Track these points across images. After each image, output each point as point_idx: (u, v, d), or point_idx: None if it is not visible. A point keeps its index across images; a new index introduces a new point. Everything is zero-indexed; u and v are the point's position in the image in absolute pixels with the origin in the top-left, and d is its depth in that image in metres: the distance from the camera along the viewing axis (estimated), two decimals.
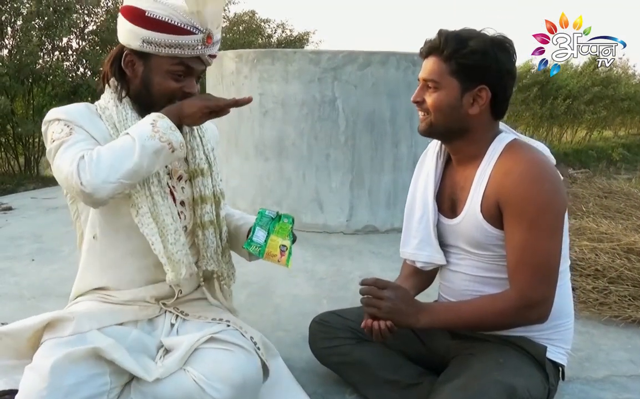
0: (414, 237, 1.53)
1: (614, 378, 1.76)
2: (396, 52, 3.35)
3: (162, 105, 1.37)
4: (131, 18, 1.36)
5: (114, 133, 1.38)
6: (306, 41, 10.94)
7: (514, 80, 1.39)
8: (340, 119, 3.30)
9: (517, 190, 1.30)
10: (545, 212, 1.29)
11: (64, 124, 1.33)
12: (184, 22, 1.35)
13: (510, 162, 1.34)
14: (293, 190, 3.38)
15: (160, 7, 1.34)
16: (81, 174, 1.22)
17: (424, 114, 1.42)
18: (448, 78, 1.35)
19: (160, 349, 1.43)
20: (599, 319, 2.18)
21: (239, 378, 1.33)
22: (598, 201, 3.78)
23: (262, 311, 2.21)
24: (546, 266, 1.31)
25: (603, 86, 11.14)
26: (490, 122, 1.41)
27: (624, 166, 9.52)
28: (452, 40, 1.34)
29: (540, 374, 1.38)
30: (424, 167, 1.56)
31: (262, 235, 1.43)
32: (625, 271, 2.36)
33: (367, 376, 1.55)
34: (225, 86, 3.58)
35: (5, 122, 6.18)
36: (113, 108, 1.41)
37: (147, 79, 1.40)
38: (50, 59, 6.50)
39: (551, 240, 1.31)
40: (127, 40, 1.39)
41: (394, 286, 1.40)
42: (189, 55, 1.38)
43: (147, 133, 1.27)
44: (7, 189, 5.43)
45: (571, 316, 1.48)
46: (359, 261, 2.86)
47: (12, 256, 2.84)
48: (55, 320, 1.33)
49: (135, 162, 1.25)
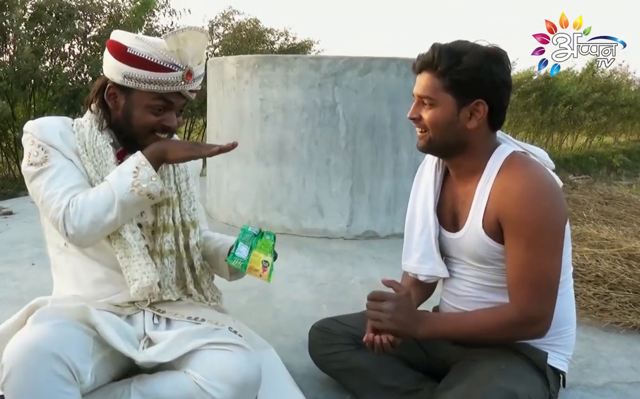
0: (416, 250, 1.53)
1: (614, 385, 1.75)
2: (396, 57, 3.36)
3: (142, 136, 1.44)
4: (114, 53, 1.42)
5: (82, 150, 1.44)
6: (308, 49, 10.96)
7: (510, 90, 1.39)
8: (340, 124, 3.30)
9: (516, 210, 1.30)
10: (544, 231, 1.29)
11: (38, 146, 1.40)
12: (164, 59, 1.39)
13: (509, 180, 1.33)
14: (293, 195, 3.38)
15: (142, 45, 1.39)
16: (67, 226, 1.34)
17: (421, 131, 1.41)
18: (443, 94, 1.34)
19: (142, 339, 1.43)
20: (599, 325, 2.17)
21: (239, 377, 1.33)
22: (599, 208, 3.78)
23: (261, 316, 2.21)
24: (546, 283, 1.31)
25: (603, 92, 11.17)
26: (488, 134, 1.40)
27: (624, 172, 9.53)
28: (446, 55, 1.32)
29: (541, 381, 1.37)
30: (423, 179, 1.55)
31: (244, 250, 1.46)
32: (626, 278, 2.35)
33: (366, 383, 1.55)
34: (226, 91, 3.59)
35: (6, 127, 6.19)
36: (87, 127, 1.47)
37: (127, 112, 1.44)
38: (51, 64, 6.51)
39: (551, 257, 1.31)
40: (110, 73, 1.44)
41: (394, 297, 1.38)
42: (168, 90, 1.41)
43: (127, 188, 1.35)
44: (8, 193, 5.43)
45: (573, 323, 1.47)
46: (359, 266, 2.86)
47: (13, 261, 2.84)
48: (32, 308, 1.38)
49: (115, 216, 1.36)
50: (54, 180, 1.38)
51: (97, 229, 1.36)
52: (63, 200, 1.36)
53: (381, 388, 1.52)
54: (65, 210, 1.34)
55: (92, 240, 1.38)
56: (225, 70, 3.59)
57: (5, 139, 6.41)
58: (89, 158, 1.44)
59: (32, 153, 1.40)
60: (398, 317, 1.35)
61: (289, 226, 3.37)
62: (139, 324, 1.47)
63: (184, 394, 1.31)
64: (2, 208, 4.00)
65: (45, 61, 6.39)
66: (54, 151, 1.40)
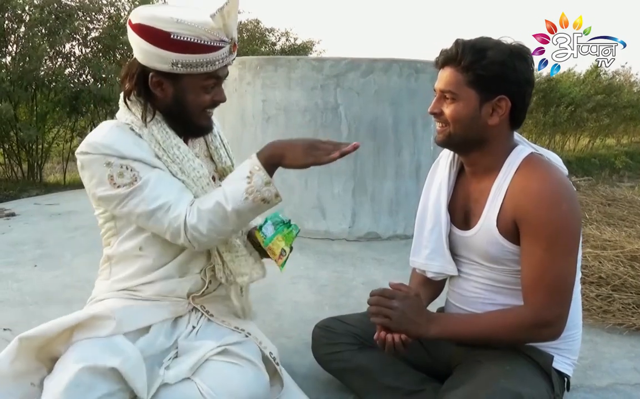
0: (425, 247, 1.52)
1: (617, 387, 1.74)
2: (399, 59, 3.36)
3: (196, 116, 1.41)
4: (153, 41, 1.30)
5: (161, 153, 1.38)
6: (310, 50, 10.96)
7: (532, 88, 1.38)
8: (342, 126, 3.30)
9: (535, 211, 1.29)
10: (563, 234, 1.29)
11: (120, 166, 1.32)
12: (213, 38, 1.31)
13: (528, 179, 1.32)
14: (295, 197, 3.38)
15: (185, 28, 1.29)
16: (187, 235, 1.33)
17: (441, 125, 1.39)
18: (466, 89, 1.33)
19: (172, 353, 1.42)
20: (602, 327, 2.17)
21: (246, 394, 1.33)
22: (601, 209, 3.77)
23: (263, 318, 2.20)
24: (562, 286, 1.31)
25: (606, 94, 11.15)
26: (507, 133, 1.39)
27: (627, 174, 9.51)
28: (470, 50, 1.32)
29: (546, 384, 1.36)
30: (436, 176, 1.54)
31: (270, 230, 1.47)
32: (629, 279, 2.35)
33: (369, 383, 1.55)
34: (228, 92, 3.55)
35: (8, 128, 6.20)
36: (152, 126, 1.39)
37: (180, 98, 1.38)
38: (53, 65, 6.53)
39: (568, 260, 1.30)
40: (152, 62, 1.33)
41: (403, 295, 1.38)
42: (219, 67, 1.37)
43: (241, 195, 1.31)
44: (11, 195, 5.45)
45: (579, 327, 1.47)
46: (361, 268, 2.85)
47: (15, 262, 2.84)
48: (92, 318, 1.32)
49: (231, 224, 1.35)
50: (156, 191, 1.32)
51: (217, 236, 1.35)
52: (179, 208, 1.32)
53: (384, 388, 1.52)
54: (184, 219, 1.32)
55: (213, 244, 1.40)
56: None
57: (8, 141, 6.42)
58: (170, 159, 1.39)
59: (116, 175, 1.32)
60: (410, 315, 1.34)
61: None
62: (180, 329, 1.45)
63: None
64: (4, 209, 4.00)
65: (47, 62, 6.40)
66: (139, 165, 1.33)
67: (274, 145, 1.36)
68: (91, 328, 1.31)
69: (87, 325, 1.31)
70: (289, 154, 1.33)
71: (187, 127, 1.44)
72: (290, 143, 1.36)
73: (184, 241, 1.33)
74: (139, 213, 1.33)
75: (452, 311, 1.55)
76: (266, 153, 1.34)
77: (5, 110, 5.49)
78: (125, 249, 1.45)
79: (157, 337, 1.40)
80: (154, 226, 1.35)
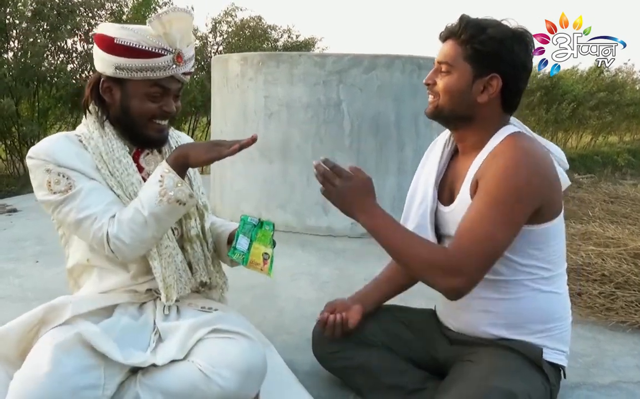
0: (412, 222, 1.52)
1: (620, 384, 1.74)
2: (401, 55, 3.35)
3: (142, 125, 1.45)
4: (102, 46, 1.41)
5: (101, 165, 1.43)
6: (312, 47, 10.93)
7: (529, 74, 1.38)
8: (345, 122, 3.29)
9: (493, 169, 1.29)
10: (510, 196, 1.26)
11: (58, 174, 1.38)
12: (152, 45, 1.39)
13: (502, 147, 1.33)
14: (297, 193, 3.37)
15: (128, 33, 1.38)
16: (110, 245, 1.36)
17: (432, 97, 1.41)
18: (461, 62, 1.34)
19: (153, 334, 1.43)
20: (605, 324, 2.16)
21: (245, 364, 1.34)
22: (604, 206, 3.77)
23: (265, 315, 2.20)
24: (486, 246, 1.27)
25: (609, 91, 11.11)
26: (499, 114, 1.39)
27: (629, 171, 9.48)
28: (472, 26, 1.34)
29: (540, 376, 1.36)
30: (432, 154, 1.55)
31: (245, 243, 1.47)
32: (632, 277, 2.34)
33: (371, 381, 1.54)
34: (230, 89, 3.58)
35: (10, 124, 6.20)
36: (99, 139, 1.45)
37: (125, 104, 1.44)
38: (54, 61, 6.52)
39: (503, 227, 1.27)
40: (102, 67, 1.43)
41: (348, 176, 1.37)
42: (162, 76, 1.42)
43: (155, 198, 1.35)
44: (12, 191, 5.45)
45: (565, 320, 1.45)
46: (363, 265, 2.84)
47: (16, 258, 2.84)
48: (50, 310, 1.35)
49: (151, 230, 1.37)
50: (86, 201, 1.38)
51: (139, 244, 1.38)
52: (102, 219, 1.36)
53: (386, 387, 1.51)
54: (107, 230, 1.35)
55: (137, 254, 1.41)
56: (229, 68, 3.58)
57: (10, 136, 6.42)
58: (110, 171, 1.43)
59: (52, 182, 1.38)
60: (347, 197, 1.35)
61: (293, 224, 3.36)
62: (149, 313, 1.48)
63: (189, 384, 1.31)
64: (6, 205, 4.01)
65: (49, 58, 6.40)
66: (76, 174, 1.39)
67: (179, 148, 1.43)
68: (52, 319, 1.34)
69: (47, 319, 1.35)
70: (192, 153, 1.39)
71: (136, 137, 1.48)
72: (194, 143, 1.47)
73: (108, 252, 1.37)
74: (69, 222, 1.40)
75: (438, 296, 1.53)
76: (173, 156, 1.40)
77: (7, 106, 5.49)
78: (77, 260, 1.51)
79: (120, 318, 1.42)
80: (82, 235, 1.41)
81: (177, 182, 1.37)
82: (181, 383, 1.31)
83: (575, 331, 2.08)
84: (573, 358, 1.86)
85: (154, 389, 1.32)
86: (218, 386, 1.30)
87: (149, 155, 1.54)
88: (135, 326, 1.43)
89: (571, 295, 2.30)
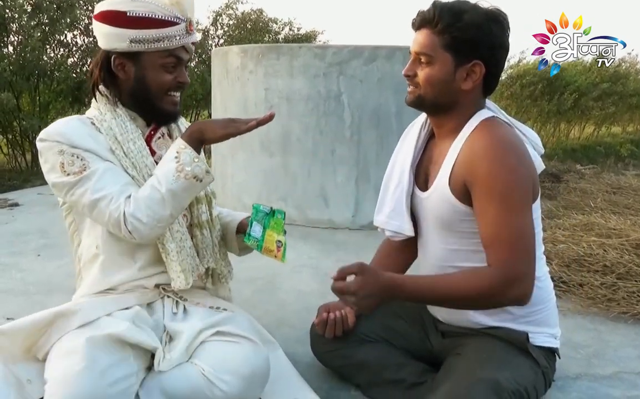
0: (388, 206, 1.52)
1: (622, 375, 1.73)
2: (402, 46, 3.32)
3: (159, 98, 1.43)
4: (112, 21, 1.38)
5: (115, 146, 1.41)
6: (313, 39, 10.91)
7: (507, 54, 1.38)
8: (345, 114, 3.28)
9: (484, 166, 1.28)
10: (514, 187, 1.27)
11: (72, 155, 1.36)
12: (166, 14, 1.38)
13: (477, 138, 1.32)
14: (298, 186, 3.37)
15: (140, 5, 1.37)
16: (128, 225, 1.33)
17: (412, 87, 1.39)
18: (441, 52, 1.32)
19: (163, 334, 1.43)
20: (607, 315, 2.15)
21: (247, 369, 1.33)
22: (606, 197, 3.75)
23: (267, 307, 2.20)
24: (521, 241, 1.27)
25: (612, 82, 11.05)
26: (478, 98, 1.39)
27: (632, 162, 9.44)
28: (447, 13, 1.31)
29: (529, 361, 1.36)
30: (408, 137, 1.54)
31: (258, 230, 1.47)
32: (634, 268, 2.33)
33: (371, 377, 1.54)
34: (230, 81, 3.57)
35: (11, 119, 6.21)
36: (112, 120, 1.43)
37: (141, 77, 1.43)
38: (55, 55, 6.51)
39: (523, 214, 1.28)
40: (112, 43, 1.40)
41: (353, 283, 1.29)
42: (176, 45, 1.41)
43: (172, 175, 1.33)
44: (14, 185, 5.45)
45: (548, 301, 1.44)
46: (364, 257, 2.81)
47: (19, 252, 2.85)
48: (59, 315, 1.34)
49: (169, 207, 1.34)
50: (102, 182, 1.35)
51: (157, 223, 1.34)
52: (120, 199, 1.34)
53: (385, 382, 1.51)
54: (124, 210, 1.33)
55: (154, 235, 1.37)
56: (229, 60, 3.57)
57: (11, 131, 6.43)
58: (124, 152, 1.42)
59: (66, 163, 1.36)
60: (368, 295, 1.28)
61: (294, 216, 3.36)
62: (158, 313, 1.47)
63: (192, 387, 1.31)
64: (7, 199, 4.01)
65: (49, 52, 6.39)
66: (90, 155, 1.37)
67: (194, 125, 1.41)
68: (62, 326, 1.33)
69: (57, 324, 1.34)
70: (208, 128, 1.38)
71: (153, 112, 1.47)
72: (209, 120, 1.44)
73: (125, 232, 1.34)
74: (84, 203, 1.37)
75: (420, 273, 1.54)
76: (188, 132, 1.39)
77: (7, 100, 5.49)
78: (86, 247, 1.48)
79: (139, 310, 1.42)
80: (97, 217, 1.38)
81: (193, 157, 1.34)
82: (183, 386, 1.31)
83: (576, 322, 2.09)
84: (574, 349, 1.87)
85: (155, 389, 1.32)
86: (221, 391, 1.30)
87: (160, 140, 1.52)
88: (151, 322, 1.42)
89: (573, 286, 2.31)
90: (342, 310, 1.55)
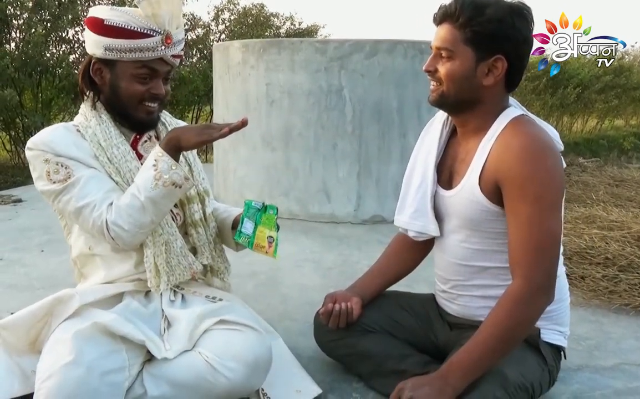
0: (410, 205, 1.50)
1: (623, 366, 1.74)
2: (403, 40, 3.32)
3: (132, 107, 1.45)
4: (92, 28, 1.43)
5: (99, 152, 1.44)
6: (315, 34, 10.89)
7: (531, 49, 1.35)
8: (347, 109, 3.28)
9: (519, 166, 1.26)
10: (549, 188, 1.26)
11: (56, 163, 1.39)
12: (141, 26, 1.40)
13: (512, 137, 1.30)
14: (300, 180, 3.37)
15: (117, 14, 1.40)
16: (110, 232, 1.37)
17: (435, 84, 1.37)
18: (462, 47, 1.30)
19: (162, 320, 1.45)
20: (609, 307, 2.16)
21: (251, 356, 1.35)
22: (609, 190, 3.75)
23: (269, 301, 2.21)
24: (551, 243, 1.27)
25: (615, 75, 11.01)
26: (501, 94, 1.37)
27: (635, 155, 9.41)
28: (468, 6, 1.28)
29: (537, 357, 1.36)
30: (429, 135, 1.53)
31: (250, 226, 1.48)
32: (635, 260, 2.33)
33: (374, 367, 1.54)
34: (232, 76, 3.57)
35: (14, 115, 6.22)
36: (96, 126, 1.46)
37: (114, 85, 1.45)
38: (57, 51, 6.52)
39: (555, 215, 1.28)
40: (92, 49, 1.45)
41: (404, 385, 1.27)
42: (150, 57, 1.42)
43: (150, 183, 1.36)
44: (17, 182, 5.47)
45: (563, 301, 1.45)
46: (366, 251, 2.85)
47: (22, 248, 2.86)
48: (58, 302, 1.36)
49: (149, 214, 1.37)
50: (86, 190, 1.38)
51: (138, 230, 1.38)
52: (102, 207, 1.37)
53: (389, 373, 1.51)
54: (105, 217, 1.36)
55: (137, 240, 1.41)
56: (230, 55, 3.57)
57: (14, 127, 6.44)
58: (108, 158, 1.44)
59: (52, 171, 1.39)
60: (424, 394, 1.24)
61: (296, 211, 3.37)
62: (156, 300, 1.49)
63: (196, 374, 1.32)
64: (11, 195, 4.03)
65: (51, 48, 6.40)
66: (74, 163, 1.40)
67: (170, 132, 1.42)
68: (60, 311, 1.35)
69: (55, 311, 1.36)
70: (184, 136, 1.39)
71: (128, 119, 1.49)
72: (186, 127, 1.47)
73: (108, 239, 1.38)
74: (69, 210, 1.41)
75: (436, 279, 1.54)
76: (165, 140, 1.40)
77: (10, 97, 5.50)
78: (80, 249, 1.51)
79: (130, 302, 1.44)
80: (82, 224, 1.42)
81: (171, 165, 1.36)
82: (188, 374, 1.32)
83: (578, 314, 2.09)
84: (576, 341, 1.87)
85: (159, 378, 1.33)
86: (225, 377, 1.31)
87: (146, 143, 1.55)
88: (145, 312, 1.44)
89: (574, 279, 2.32)
90: (348, 302, 1.55)
